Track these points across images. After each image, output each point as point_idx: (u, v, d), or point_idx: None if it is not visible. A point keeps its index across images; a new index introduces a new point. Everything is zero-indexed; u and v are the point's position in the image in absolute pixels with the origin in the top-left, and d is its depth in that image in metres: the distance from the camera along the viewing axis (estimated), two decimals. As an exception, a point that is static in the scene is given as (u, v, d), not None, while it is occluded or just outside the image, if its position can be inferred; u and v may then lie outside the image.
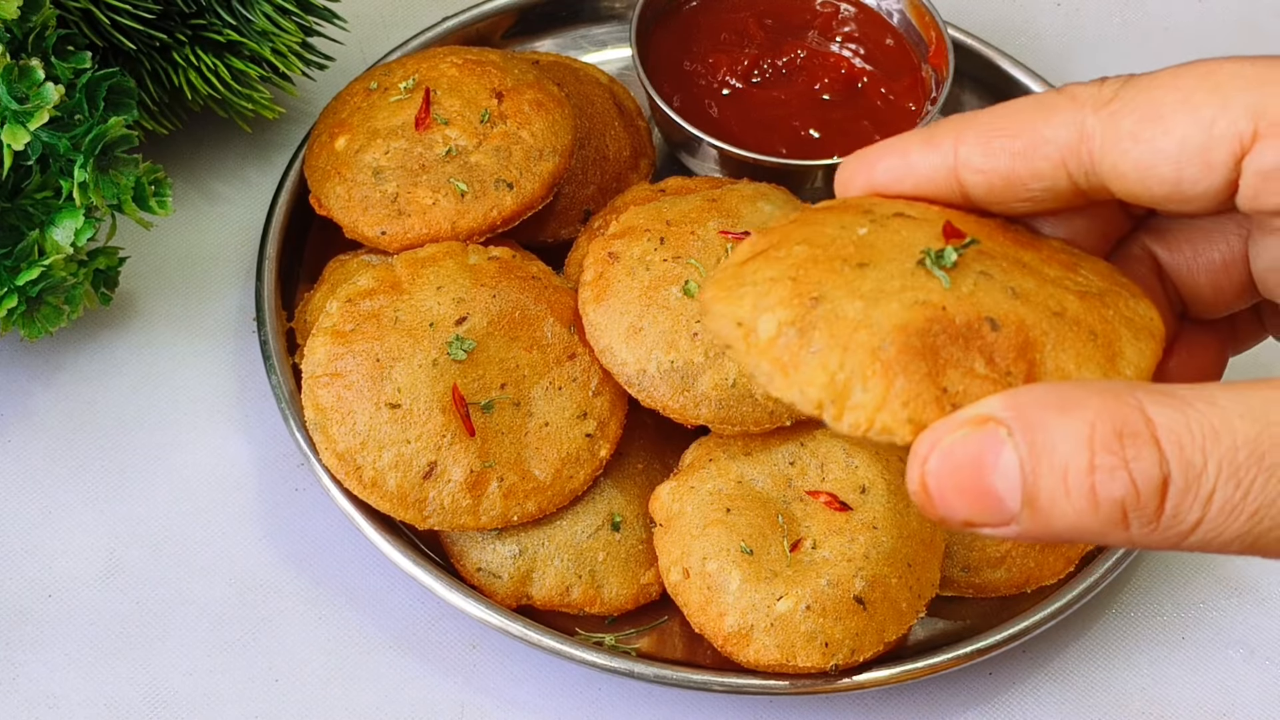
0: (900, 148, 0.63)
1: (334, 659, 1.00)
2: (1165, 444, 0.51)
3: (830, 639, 0.93)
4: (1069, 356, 0.56)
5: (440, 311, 0.99)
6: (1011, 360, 0.55)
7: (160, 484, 1.06)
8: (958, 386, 0.54)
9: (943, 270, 0.57)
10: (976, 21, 1.34)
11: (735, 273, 0.59)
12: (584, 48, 1.29)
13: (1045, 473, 0.51)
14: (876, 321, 0.55)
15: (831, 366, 0.55)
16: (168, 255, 1.16)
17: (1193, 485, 0.51)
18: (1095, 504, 0.51)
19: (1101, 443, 0.51)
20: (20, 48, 0.97)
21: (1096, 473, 0.51)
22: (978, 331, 0.55)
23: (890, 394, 0.54)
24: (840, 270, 0.57)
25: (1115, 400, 0.51)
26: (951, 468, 0.53)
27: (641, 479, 1.02)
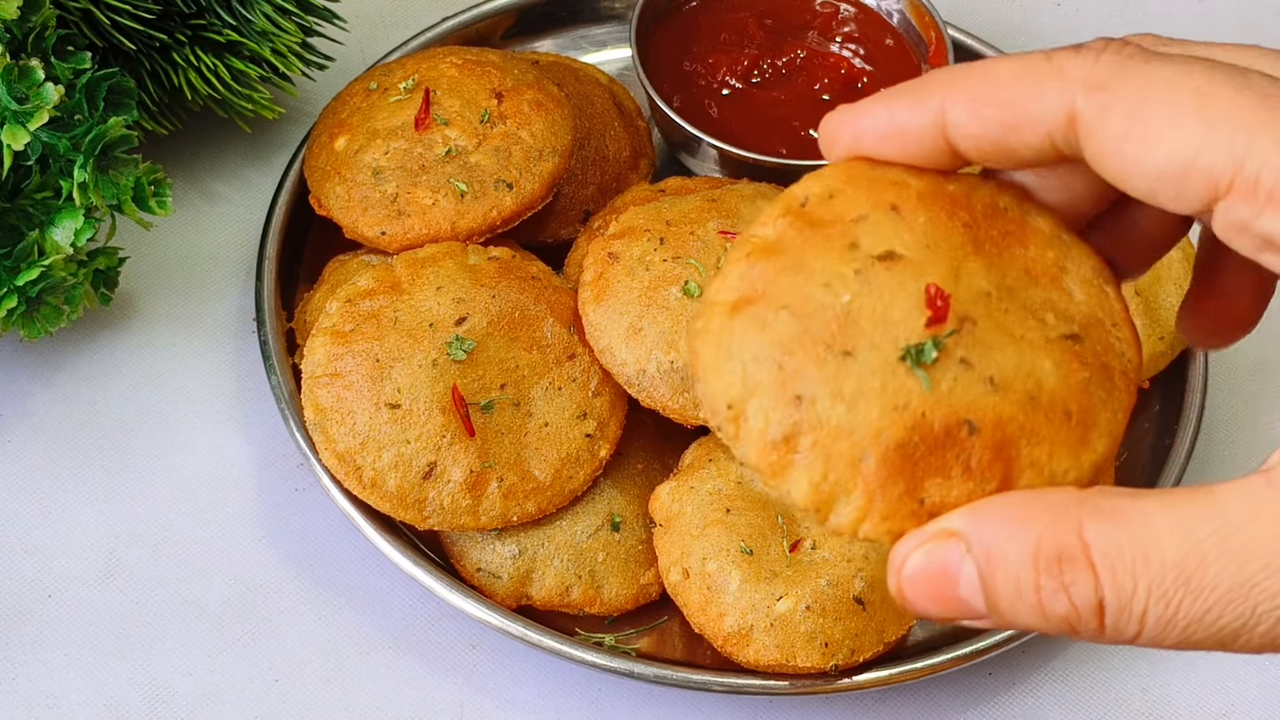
0: (885, 106, 0.62)
1: (334, 659, 1.00)
2: (1100, 569, 0.55)
3: (830, 639, 0.93)
4: (1043, 449, 0.59)
5: (440, 312, 0.99)
6: (987, 464, 0.58)
7: (160, 484, 1.06)
8: (934, 498, 0.58)
9: (923, 369, 0.59)
10: (976, 21, 1.34)
11: (722, 331, 0.60)
12: (584, 48, 1.29)
13: (1000, 584, 0.56)
14: (858, 429, 0.58)
15: (815, 477, 0.58)
16: (167, 255, 1.16)
17: (1125, 607, 0.55)
18: (1044, 617, 0.56)
19: (1044, 565, 0.56)
20: (20, 48, 0.97)
21: (1041, 592, 0.56)
22: (955, 436, 0.58)
23: (871, 509, 0.58)
24: (824, 360, 0.58)
25: (1057, 522, 0.56)
26: (923, 578, 0.58)
27: (641, 479, 1.02)
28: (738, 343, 0.59)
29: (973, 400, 0.58)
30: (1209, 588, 0.54)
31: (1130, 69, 0.58)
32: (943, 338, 0.59)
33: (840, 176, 0.63)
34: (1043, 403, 0.59)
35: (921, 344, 0.59)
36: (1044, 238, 0.63)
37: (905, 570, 0.58)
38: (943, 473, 0.58)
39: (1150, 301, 1.07)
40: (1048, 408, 0.59)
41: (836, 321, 0.59)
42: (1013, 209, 0.63)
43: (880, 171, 0.62)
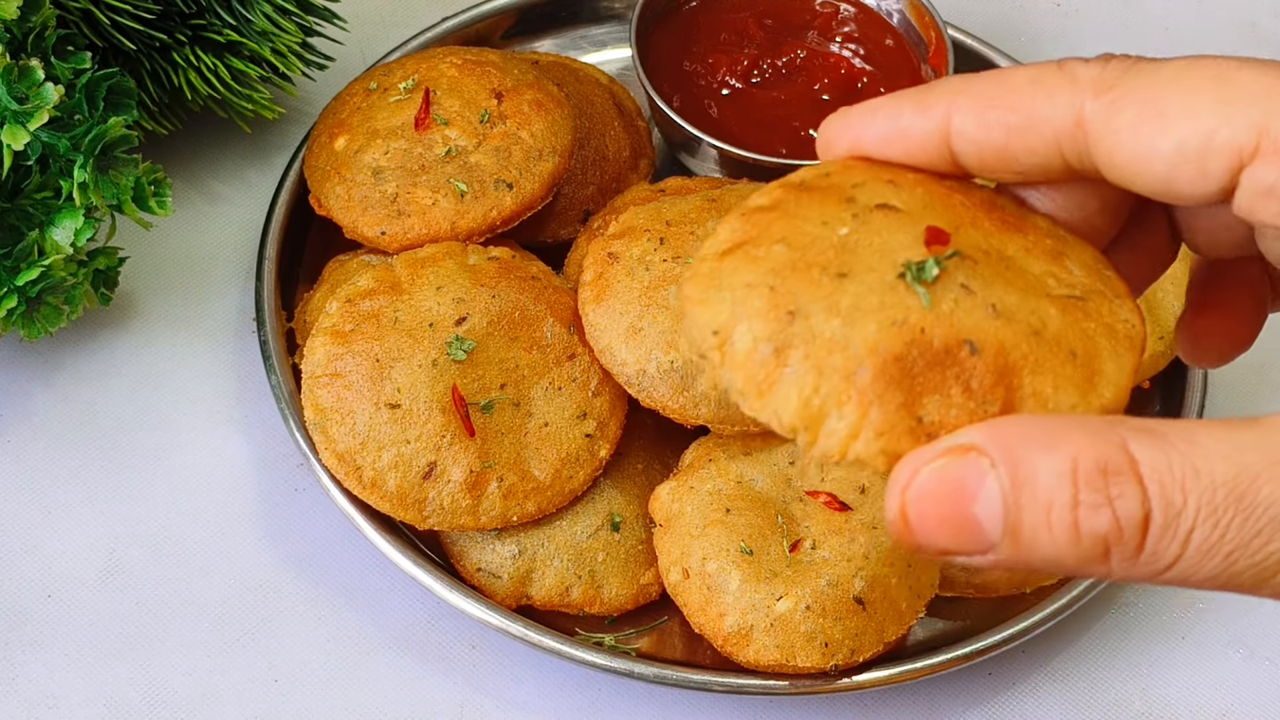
0: (890, 110, 0.61)
1: (334, 659, 1.00)
2: (1148, 481, 0.51)
3: (830, 639, 0.93)
4: (1047, 381, 0.56)
5: (440, 312, 0.99)
6: (989, 387, 0.55)
7: (160, 484, 1.06)
8: (933, 416, 0.54)
9: (923, 286, 0.56)
10: (976, 22, 1.34)
11: (713, 270, 0.58)
12: (584, 48, 1.29)
13: (1028, 505, 0.52)
14: (853, 343, 0.55)
15: (806, 391, 0.54)
16: (167, 255, 1.16)
17: (1172, 523, 0.51)
18: (1078, 538, 0.52)
19: (1086, 479, 0.51)
20: (20, 48, 0.97)
21: (1080, 508, 0.51)
22: (956, 355, 0.55)
23: (865, 423, 0.54)
24: (819, 281, 0.56)
25: (1099, 437, 0.52)
26: (933, 496, 0.53)
27: (641, 479, 1.02)
28: (728, 276, 0.57)
29: (975, 323, 0.56)
30: (1261, 508, 0.51)
31: (1140, 68, 0.57)
32: (943, 258, 0.57)
33: (838, 164, 0.62)
34: (1047, 337, 0.56)
35: (922, 262, 0.57)
36: (1041, 230, 0.62)
37: (913, 486, 0.53)
38: (942, 390, 0.54)
39: (1150, 300, 1.07)
40: (1052, 342, 0.56)
41: (833, 249, 0.57)
42: (1010, 208, 0.62)
43: (878, 164, 0.62)
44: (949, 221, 0.59)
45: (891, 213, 0.59)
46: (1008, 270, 0.59)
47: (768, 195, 0.60)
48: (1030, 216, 0.62)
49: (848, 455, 0.54)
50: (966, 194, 0.61)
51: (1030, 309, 0.57)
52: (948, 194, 0.61)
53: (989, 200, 0.62)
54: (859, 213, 0.58)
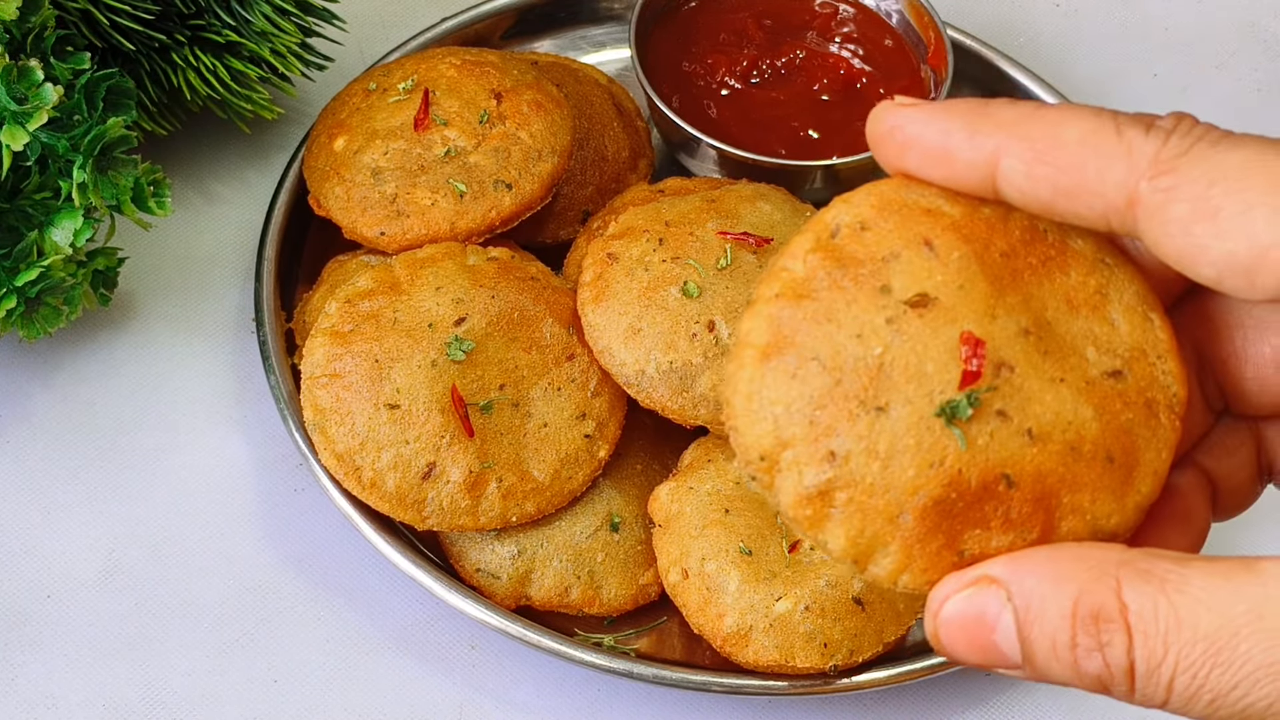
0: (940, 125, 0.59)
1: (333, 659, 1.00)
2: (1135, 631, 0.55)
3: (829, 639, 0.93)
4: (1084, 496, 0.59)
5: (439, 312, 0.99)
6: (1028, 515, 0.58)
7: (159, 485, 1.06)
8: (974, 549, 0.58)
9: (958, 427, 0.58)
10: (975, 22, 1.34)
11: (753, 379, 0.59)
12: (583, 48, 1.29)
13: (1037, 638, 0.56)
14: (893, 487, 0.58)
15: (853, 532, 0.58)
16: (167, 256, 1.16)
17: (1154, 673, 0.55)
18: (1079, 674, 0.56)
19: (1082, 623, 0.55)
20: (19, 48, 0.97)
21: (1077, 649, 0.56)
22: (993, 490, 0.58)
23: (910, 561, 0.58)
24: (856, 416, 0.58)
25: (1099, 579, 0.55)
26: (959, 624, 0.58)
27: (640, 480, 1.02)
28: (768, 393, 0.59)
29: (1010, 454, 0.58)
30: (1238, 663, 0.53)
31: (1201, 153, 0.55)
32: (978, 393, 0.58)
33: (872, 204, 0.61)
34: (1084, 451, 0.59)
35: (956, 401, 0.58)
36: (1086, 262, 0.62)
37: (943, 614, 0.58)
38: (982, 524, 0.58)
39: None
40: (1089, 456, 0.59)
41: (869, 375, 0.58)
42: (1052, 231, 0.62)
43: (915, 195, 0.61)
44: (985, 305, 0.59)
45: (928, 312, 0.59)
46: (1047, 355, 0.60)
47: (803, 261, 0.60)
48: (1073, 241, 0.62)
49: (897, 586, 0.59)
50: (1007, 231, 0.61)
51: (1067, 420, 0.59)
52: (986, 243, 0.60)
53: (1030, 229, 0.61)
54: (893, 317, 0.59)
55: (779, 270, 0.60)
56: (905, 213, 0.61)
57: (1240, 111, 1.33)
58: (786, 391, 0.59)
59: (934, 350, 0.59)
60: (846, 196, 0.61)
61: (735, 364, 0.60)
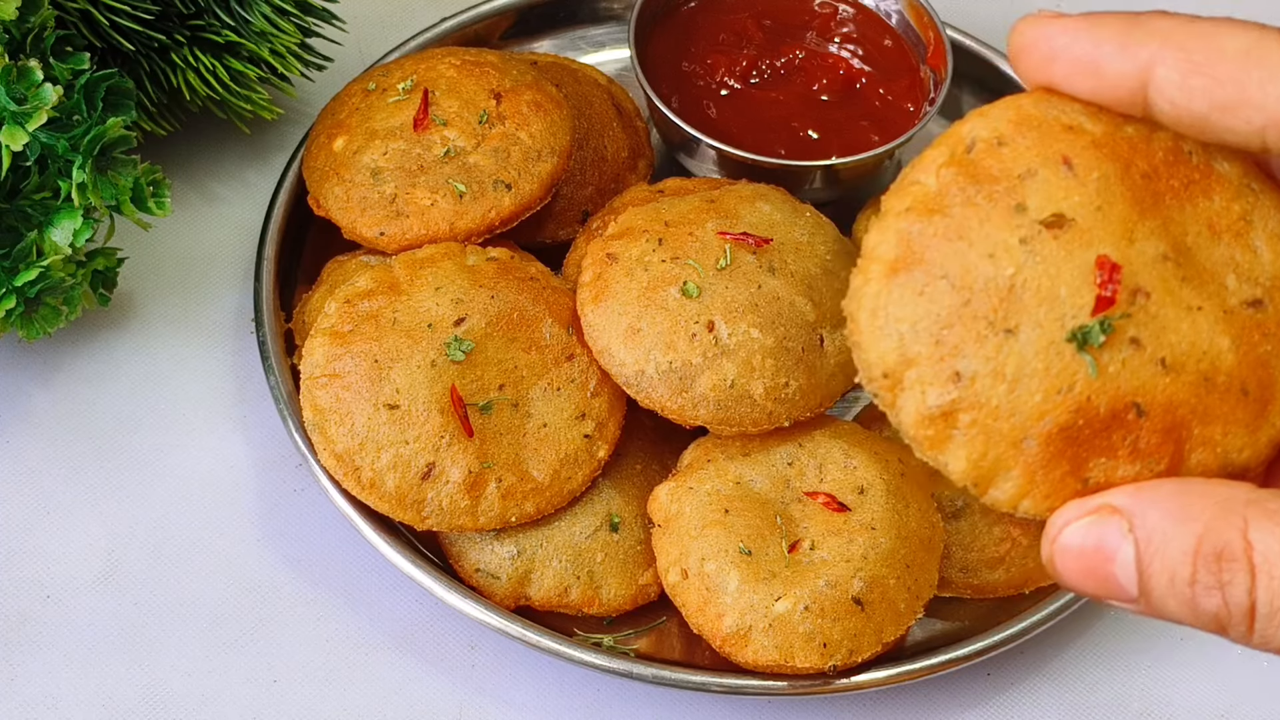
0: (1090, 35, 0.57)
1: (332, 659, 1.00)
2: (1259, 571, 0.54)
3: (828, 640, 0.93)
4: (1216, 428, 0.58)
5: (439, 312, 0.99)
6: (1156, 445, 0.57)
7: (159, 485, 1.06)
8: (1099, 477, 0.57)
9: (1089, 354, 0.57)
10: (975, 22, 1.34)
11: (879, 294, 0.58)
12: (582, 49, 1.29)
13: (1156, 573, 0.55)
14: (1019, 410, 0.57)
15: (975, 454, 0.57)
16: (166, 256, 1.16)
17: (1276, 614, 0.54)
18: (1195, 612, 0.55)
19: (1204, 560, 0.54)
20: (19, 48, 0.97)
21: (1197, 586, 0.55)
22: (1123, 419, 0.57)
23: (1033, 487, 0.57)
24: (985, 337, 0.57)
25: (1226, 516, 0.54)
26: (1077, 552, 0.57)
27: (640, 480, 1.02)
28: (895, 309, 0.58)
29: (1142, 383, 0.57)
30: None
31: None
32: (1111, 320, 0.57)
33: (1010, 119, 0.59)
34: (1218, 383, 0.57)
35: (1088, 327, 0.57)
36: (1231, 187, 0.60)
37: (1060, 540, 0.57)
38: (1108, 453, 0.57)
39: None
40: (1223, 388, 0.57)
41: (999, 295, 0.57)
42: (1197, 153, 0.60)
43: (1056, 111, 0.59)
44: (1125, 224, 0.58)
45: (1062, 234, 0.58)
46: (1185, 282, 0.58)
47: (933, 174, 0.59)
48: (1221, 164, 0.60)
49: (1018, 509, 0.58)
50: (1149, 152, 0.59)
51: (1202, 349, 0.58)
52: (1128, 163, 0.59)
53: (1174, 150, 0.60)
54: (1027, 235, 0.58)
55: (910, 184, 0.59)
56: (1044, 128, 0.59)
57: (1240, 111, 1.32)
58: (914, 309, 0.57)
59: (1068, 273, 0.57)
60: (984, 110, 0.60)
61: (861, 278, 0.58)
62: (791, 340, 0.98)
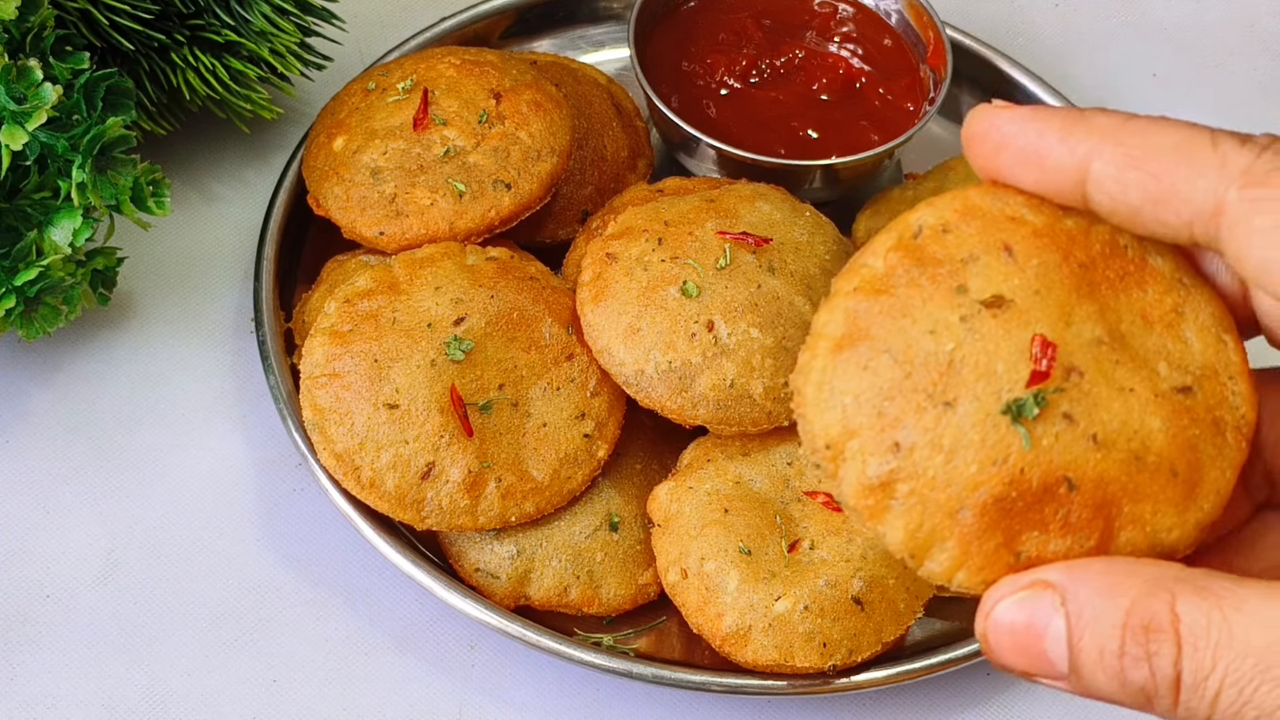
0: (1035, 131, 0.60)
1: (332, 659, 1.00)
2: (1185, 643, 0.55)
3: (828, 639, 0.93)
4: (1146, 506, 0.59)
5: (438, 312, 0.99)
6: (1087, 520, 0.58)
7: (158, 485, 1.06)
8: (1031, 551, 0.58)
9: (1024, 426, 0.58)
10: (974, 22, 1.34)
11: (825, 370, 0.60)
12: (582, 48, 1.29)
13: (1086, 647, 0.56)
14: (955, 481, 0.58)
15: (912, 525, 0.58)
16: (166, 256, 1.16)
17: (1200, 685, 0.55)
18: (1123, 684, 0.56)
19: (1132, 632, 0.55)
20: (18, 48, 0.97)
21: (1125, 658, 0.56)
22: (1054, 493, 0.58)
23: (967, 559, 0.58)
24: (924, 409, 0.58)
25: (1154, 592, 0.55)
26: (1010, 628, 0.58)
27: (639, 479, 1.02)
28: (839, 383, 0.59)
29: (1074, 458, 0.58)
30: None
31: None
32: (1046, 393, 0.58)
33: (956, 208, 0.61)
34: (1148, 462, 0.59)
35: (1023, 399, 0.58)
36: (1164, 280, 0.62)
37: (993, 616, 0.58)
38: (1040, 526, 0.58)
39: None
40: (1153, 467, 0.59)
41: (939, 370, 0.59)
42: (1133, 247, 0.62)
43: (1000, 203, 0.61)
44: (1061, 308, 0.60)
45: (1001, 314, 0.59)
46: (1118, 365, 0.60)
47: (880, 257, 0.61)
48: (1155, 259, 0.62)
49: (951, 584, 0.59)
50: (1087, 243, 0.61)
51: (1133, 429, 0.59)
52: (1066, 253, 0.61)
53: (1110, 243, 0.62)
54: (967, 314, 0.59)
55: (859, 266, 0.61)
56: (988, 218, 0.61)
57: (1240, 111, 1.33)
58: (857, 382, 0.59)
59: (1005, 350, 0.59)
60: (932, 200, 0.62)
61: (809, 354, 0.60)
62: (791, 340, 0.98)
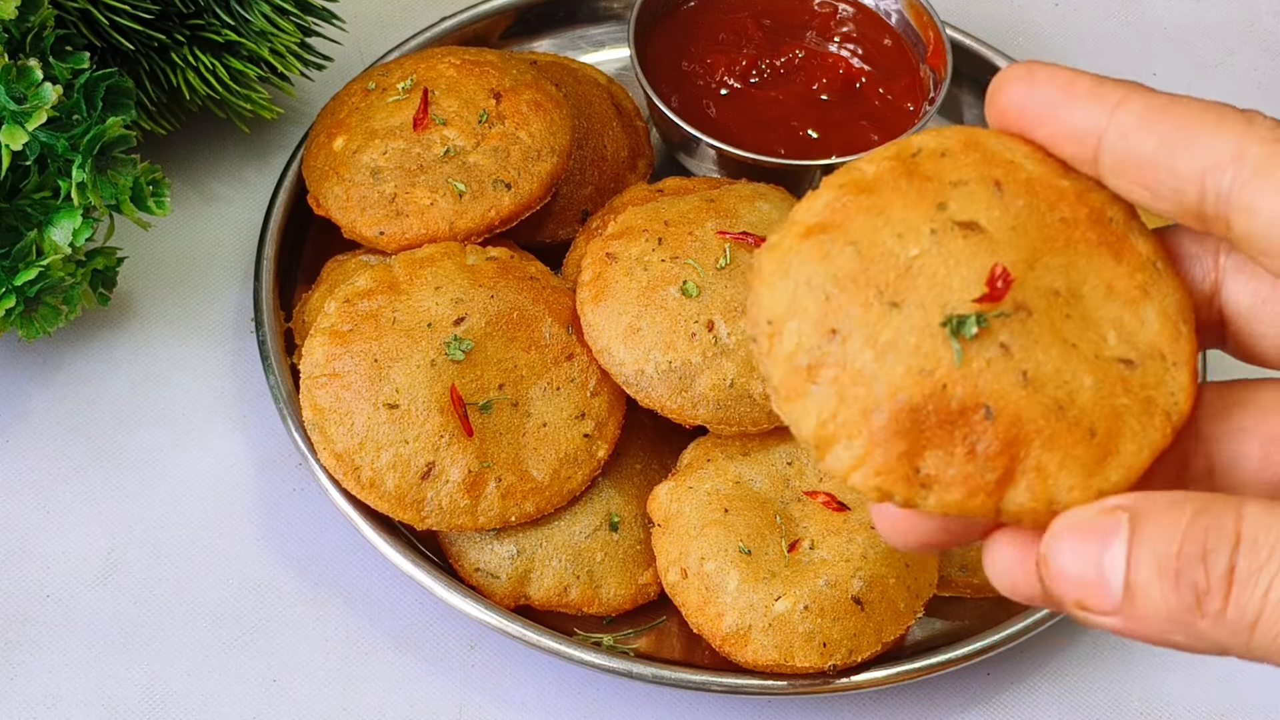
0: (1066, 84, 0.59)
1: (332, 659, 1.00)
2: (1244, 539, 0.54)
3: (828, 639, 0.93)
4: (1054, 457, 0.58)
5: (438, 312, 0.99)
6: (993, 454, 0.58)
7: (158, 484, 1.06)
8: (931, 470, 0.57)
9: (959, 342, 0.58)
10: (974, 21, 1.34)
11: (787, 251, 0.60)
12: (582, 48, 1.29)
13: (1143, 557, 0.55)
14: (878, 380, 0.57)
15: (825, 414, 0.58)
16: (166, 255, 1.16)
17: (1254, 576, 0.53)
18: (1175, 589, 0.54)
19: (1191, 534, 0.54)
20: (18, 48, 0.97)
21: (1181, 558, 0.54)
22: (970, 417, 0.58)
23: (868, 459, 0.58)
24: (869, 304, 0.58)
25: (1220, 501, 0.54)
26: (1073, 540, 0.56)
27: (639, 479, 1.02)
28: (797, 265, 0.59)
29: (1000, 388, 0.58)
30: None
31: None
32: (989, 316, 0.58)
33: (961, 140, 0.62)
34: (1069, 415, 0.58)
35: (965, 316, 0.58)
36: (1139, 260, 0.62)
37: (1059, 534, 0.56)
38: (946, 447, 0.57)
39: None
40: (1073, 420, 0.58)
41: (895, 271, 0.59)
42: (1119, 222, 0.62)
43: (1004, 146, 0.61)
44: (1032, 250, 0.60)
45: (972, 236, 0.60)
46: (1068, 319, 0.60)
47: (875, 164, 0.61)
48: (1136, 239, 0.62)
49: (847, 481, 0.58)
50: (1079, 200, 0.61)
51: (1064, 379, 0.59)
52: (1052, 205, 0.61)
53: (1099, 212, 0.62)
54: (939, 228, 0.59)
55: (851, 168, 0.61)
56: (988, 154, 0.61)
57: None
58: (814, 267, 0.59)
59: (964, 270, 0.59)
60: (939, 129, 0.62)
61: (779, 235, 0.60)
62: (791, 340, 0.97)
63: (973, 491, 0.58)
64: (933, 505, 0.58)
